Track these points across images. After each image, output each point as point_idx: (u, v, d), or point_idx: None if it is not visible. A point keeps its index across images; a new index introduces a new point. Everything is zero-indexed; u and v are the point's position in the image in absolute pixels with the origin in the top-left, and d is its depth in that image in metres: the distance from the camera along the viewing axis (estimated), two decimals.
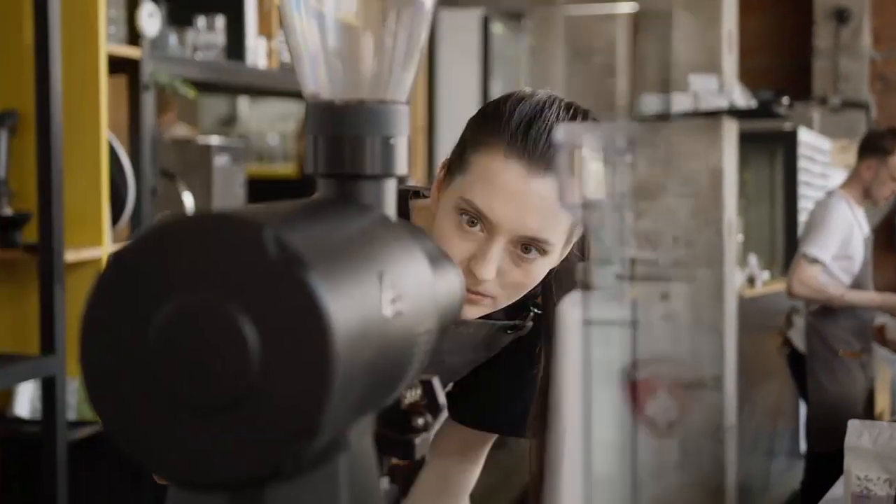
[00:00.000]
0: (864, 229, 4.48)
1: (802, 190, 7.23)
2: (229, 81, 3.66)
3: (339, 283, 0.56)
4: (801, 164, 7.15)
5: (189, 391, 0.55)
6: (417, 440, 0.78)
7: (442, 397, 0.80)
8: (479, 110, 1.29)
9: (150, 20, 2.86)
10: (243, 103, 6.35)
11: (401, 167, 0.73)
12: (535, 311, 1.37)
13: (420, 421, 0.79)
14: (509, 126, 1.21)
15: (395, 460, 0.78)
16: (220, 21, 3.49)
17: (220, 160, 3.50)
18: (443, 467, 1.49)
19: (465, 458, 1.51)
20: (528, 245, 1.22)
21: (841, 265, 4.37)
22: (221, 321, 0.54)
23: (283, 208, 0.63)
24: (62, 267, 2.53)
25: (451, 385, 1.41)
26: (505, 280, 1.23)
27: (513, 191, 1.20)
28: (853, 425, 1.90)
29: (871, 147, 4.42)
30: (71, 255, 2.59)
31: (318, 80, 0.73)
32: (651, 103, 6.08)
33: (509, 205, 1.20)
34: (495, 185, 1.19)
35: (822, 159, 7.70)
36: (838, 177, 8.25)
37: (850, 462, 1.85)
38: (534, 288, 1.29)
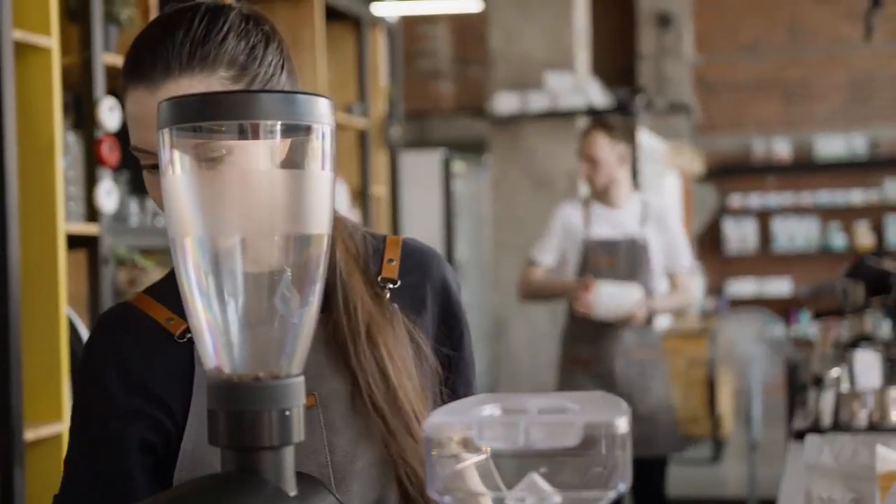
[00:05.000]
0: (581, 231, 4.21)
1: (642, 193, 7.43)
2: None
3: None
4: (640, 166, 7.31)
5: None
6: None
7: None
8: None
9: (108, 197, 2.93)
10: None
11: (297, 434, 0.79)
12: None
13: None
14: (127, 60, 1.20)
15: None
16: None
17: None
18: None
19: None
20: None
21: (563, 268, 4.27)
22: None
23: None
24: (22, 449, 2.54)
25: None
26: None
27: (149, 114, 1.15)
28: (812, 441, 1.74)
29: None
30: (30, 434, 2.61)
31: (218, 356, 0.80)
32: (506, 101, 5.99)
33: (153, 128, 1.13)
34: (134, 119, 1.18)
35: (659, 161, 7.86)
36: (672, 178, 8.38)
37: (810, 481, 1.69)
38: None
